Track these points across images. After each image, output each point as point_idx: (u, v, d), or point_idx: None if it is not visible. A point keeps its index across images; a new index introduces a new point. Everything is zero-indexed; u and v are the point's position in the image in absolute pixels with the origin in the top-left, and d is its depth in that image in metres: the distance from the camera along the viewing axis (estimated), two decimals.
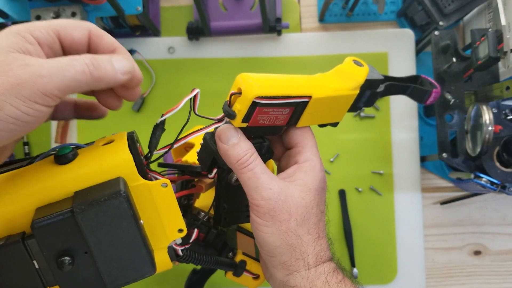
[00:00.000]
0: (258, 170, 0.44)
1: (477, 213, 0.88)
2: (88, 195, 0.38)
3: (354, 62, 0.50)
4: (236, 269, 0.56)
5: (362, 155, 0.88)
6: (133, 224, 0.38)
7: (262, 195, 0.44)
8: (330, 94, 0.47)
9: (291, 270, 0.46)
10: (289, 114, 0.46)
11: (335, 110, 0.50)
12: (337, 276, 0.46)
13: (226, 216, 0.52)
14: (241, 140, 0.44)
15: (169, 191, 0.42)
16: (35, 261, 0.38)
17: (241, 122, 0.44)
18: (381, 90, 0.53)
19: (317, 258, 0.46)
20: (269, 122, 0.45)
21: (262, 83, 0.42)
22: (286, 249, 0.45)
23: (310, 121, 0.49)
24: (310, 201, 0.46)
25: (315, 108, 0.47)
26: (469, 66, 0.74)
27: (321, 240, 0.47)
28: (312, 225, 0.46)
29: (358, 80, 0.49)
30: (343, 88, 0.48)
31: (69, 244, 0.37)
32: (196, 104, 0.45)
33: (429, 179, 0.90)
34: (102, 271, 0.38)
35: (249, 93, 0.42)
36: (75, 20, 0.40)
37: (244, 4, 0.91)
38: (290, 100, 0.44)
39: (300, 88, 0.45)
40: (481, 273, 0.88)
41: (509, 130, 0.72)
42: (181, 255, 0.48)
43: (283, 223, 0.44)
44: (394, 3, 0.92)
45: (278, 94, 0.43)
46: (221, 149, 0.45)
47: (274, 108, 0.44)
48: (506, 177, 0.72)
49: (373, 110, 0.89)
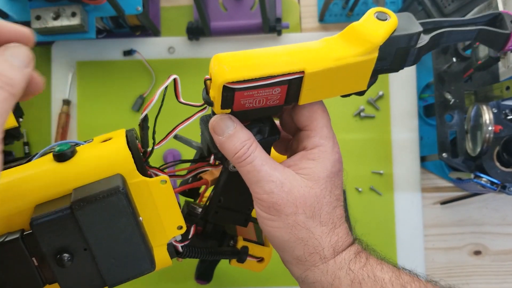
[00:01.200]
0: (258, 162, 0.41)
1: (477, 213, 0.88)
2: (87, 192, 0.37)
3: (375, 15, 0.40)
4: (239, 256, 0.56)
5: (362, 155, 0.88)
6: (132, 221, 0.38)
7: (264, 188, 0.41)
8: (330, 65, 0.39)
9: (307, 265, 0.43)
10: (283, 93, 0.39)
11: (350, 79, 0.41)
12: (360, 260, 0.43)
13: (219, 210, 0.49)
14: (237, 130, 0.41)
15: (168, 187, 0.42)
16: (34, 258, 0.38)
17: (222, 109, 0.39)
18: (425, 43, 0.41)
19: (335, 249, 0.43)
20: (259, 104, 0.40)
21: (234, 64, 0.37)
22: (297, 243, 0.42)
23: (317, 96, 0.41)
24: (321, 190, 0.42)
25: (316, 83, 0.40)
26: (469, 66, 0.74)
27: (338, 229, 0.43)
28: (326, 215, 0.42)
29: (373, 41, 0.39)
30: (350, 54, 0.39)
31: (68, 241, 0.37)
32: (178, 91, 0.42)
33: (429, 179, 0.90)
34: (101, 268, 0.38)
35: (218, 79, 0.37)
36: None
37: (244, 4, 0.91)
38: (274, 80, 0.37)
39: (287, 64, 0.38)
40: (481, 273, 0.88)
41: (509, 130, 0.72)
42: (182, 251, 0.48)
43: (290, 216, 0.41)
44: (394, 3, 0.92)
45: (255, 76, 0.37)
46: (217, 142, 0.41)
47: (259, 90, 0.38)
48: (506, 177, 0.72)
49: (373, 110, 0.89)
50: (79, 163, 0.40)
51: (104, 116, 0.89)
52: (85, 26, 0.77)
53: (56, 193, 0.39)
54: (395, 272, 0.43)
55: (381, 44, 0.39)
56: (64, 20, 0.76)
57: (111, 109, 0.89)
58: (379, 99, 0.89)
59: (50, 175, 0.39)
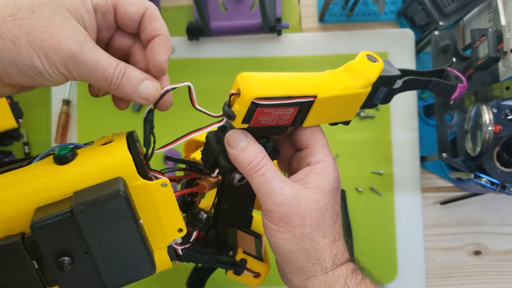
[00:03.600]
0: (269, 175, 0.43)
1: (477, 213, 0.88)
2: (88, 195, 0.37)
3: (367, 57, 0.47)
4: (236, 268, 0.56)
5: (362, 155, 0.88)
6: (132, 224, 0.38)
7: (275, 200, 0.43)
8: (337, 93, 0.45)
9: (308, 275, 0.45)
10: (293, 114, 0.44)
11: (345, 108, 0.48)
12: (356, 277, 0.45)
13: (225, 217, 0.52)
14: (251, 144, 0.43)
15: (168, 190, 0.42)
16: (34, 261, 0.38)
17: (241, 123, 0.42)
18: (399, 86, 0.50)
19: (334, 261, 0.45)
20: (271, 122, 0.44)
21: (262, 83, 0.41)
22: (302, 254, 0.44)
23: (318, 121, 0.47)
24: (325, 204, 0.44)
25: (322, 108, 0.45)
26: (469, 66, 0.74)
27: (337, 242, 0.46)
28: (328, 228, 0.45)
29: (370, 77, 0.46)
30: (352, 86, 0.46)
31: (69, 244, 0.37)
32: (194, 98, 0.44)
33: (429, 179, 0.90)
34: (102, 271, 0.38)
35: (248, 94, 0.40)
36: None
37: (244, 4, 0.91)
38: (293, 101, 0.43)
39: (304, 88, 0.43)
40: (481, 273, 0.88)
41: (509, 130, 0.72)
42: (181, 254, 0.48)
43: (297, 228, 0.43)
44: (394, 3, 0.92)
45: (280, 95, 0.41)
46: (231, 155, 0.44)
47: (276, 109, 0.43)
48: (506, 177, 0.72)
49: (373, 110, 0.89)
50: (80, 166, 0.40)
51: (104, 116, 0.90)
52: None
53: (56, 196, 0.39)
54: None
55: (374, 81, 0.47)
56: None
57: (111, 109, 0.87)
58: None
59: (51, 178, 0.39)
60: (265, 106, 0.41)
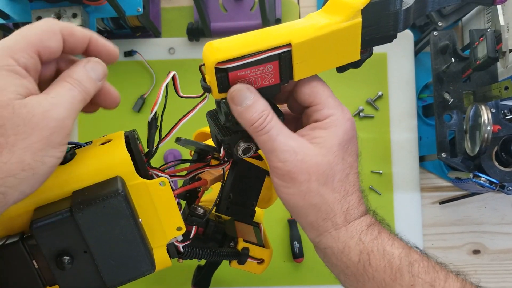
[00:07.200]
0: (274, 132, 0.42)
1: (476, 212, 0.88)
2: (87, 195, 0.38)
3: None
4: (240, 257, 0.56)
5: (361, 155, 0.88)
6: (131, 222, 0.38)
7: (279, 157, 0.42)
8: (316, 34, 0.40)
9: (320, 230, 0.44)
10: (276, 70, 0.40)
11: (340, 49, 0.42)
12: (371, 232, 0.44)
13: (230, 206, 0.52)
14: (255, 100, 0.41)
15: (167, 189, 0.42)
16: (34, 261, 0.38)
17: (219, 93, 0.40)
18: (410, 4, 0.42)
19: (346, 217, 0.44)
20: (255, 84, 0.41)
21: (223, 45, 0.38)
22: (311, 209, 0.44)
23: (312, 70, 0.42)
24: (334, 157, 0.43)
25: (307, 55, 0.40)
26: (468, 66, 0.75)
27: (350, 197, 0.44)
28: (338, 182, 0.44)
29: (354, 5, 0.39)
30: (333, 22, 0.40)
31: (68, 243, 0.37)
32: (178, 87, 0.43)
33: (428, 179, 0.90)
34: (102, 270, 0.38)
35: (209, 60, 0.38)
36: (46, 24, 0.38)
37: (244, 5, 0.91)
38: (264, 55, 0.39)
39: (273, 38, 0.39)
40: (480, 272, 0.88)
41: (507, 130, 0.73)
42: (183, 252, 0.48)
43: (303, 183, 0.43)
44: None
45: (245, 53, 0.38)
46: (235, 112, 0.41)
47: (251, 69, 0.39)
48: (505, 176, 0.72)
49: (373, 110, 0.89)
50: (79, 166, 0.40)
51: (105, 117, 0.90)
52: (86, 27, 0.78)
53: (55, 195, 0.39)
54: (405, 249, 0.44)
55: (363, 7, 0.40)
56: (65, 21, 0.76)
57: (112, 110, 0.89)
58: (378, 99, 0.89)
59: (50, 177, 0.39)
60: (235, 68, 0.39)
